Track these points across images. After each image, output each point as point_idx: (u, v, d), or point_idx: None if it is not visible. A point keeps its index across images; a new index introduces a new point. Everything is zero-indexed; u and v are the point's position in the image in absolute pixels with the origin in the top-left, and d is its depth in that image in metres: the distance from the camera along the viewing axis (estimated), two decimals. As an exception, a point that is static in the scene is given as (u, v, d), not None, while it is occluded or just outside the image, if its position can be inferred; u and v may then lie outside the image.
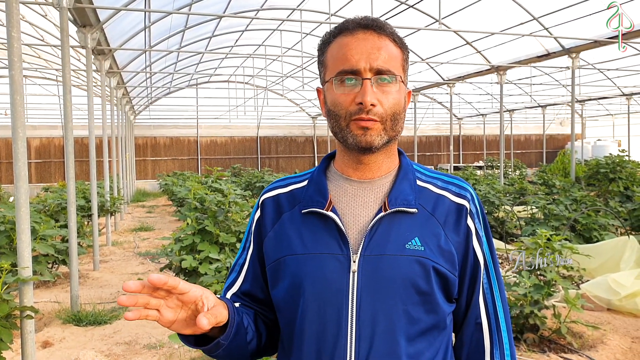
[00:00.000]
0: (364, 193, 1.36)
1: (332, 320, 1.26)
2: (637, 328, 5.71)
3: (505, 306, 1.40)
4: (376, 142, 1.29)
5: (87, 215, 10.48)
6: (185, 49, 16.67)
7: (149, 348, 5.33)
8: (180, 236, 6.50)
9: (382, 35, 1.31)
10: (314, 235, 1.32)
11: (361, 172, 1.37)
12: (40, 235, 6.47)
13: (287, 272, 1.32)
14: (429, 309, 1.28)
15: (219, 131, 29.00)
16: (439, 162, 31.81)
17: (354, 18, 1.34)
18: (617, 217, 9.04)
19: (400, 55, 1.33)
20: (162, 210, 18.11)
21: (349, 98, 1.29)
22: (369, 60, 1.27)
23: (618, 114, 30.63)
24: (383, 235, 1.29)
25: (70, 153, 6.45)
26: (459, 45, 16.57)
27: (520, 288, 5.22)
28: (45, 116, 24.99)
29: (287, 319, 1.34)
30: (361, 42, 1.29)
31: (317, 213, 1.34)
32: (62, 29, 6.66)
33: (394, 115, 1.30)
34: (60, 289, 7.72)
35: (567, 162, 22.10)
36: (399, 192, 1.33)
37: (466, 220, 1.34)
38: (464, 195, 1.37)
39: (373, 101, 1.26)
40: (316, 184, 1.39)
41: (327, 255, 1.29)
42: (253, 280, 1.46)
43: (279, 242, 1.37)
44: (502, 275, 1.44)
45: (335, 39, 1.34)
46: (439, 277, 1.29)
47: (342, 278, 1.27)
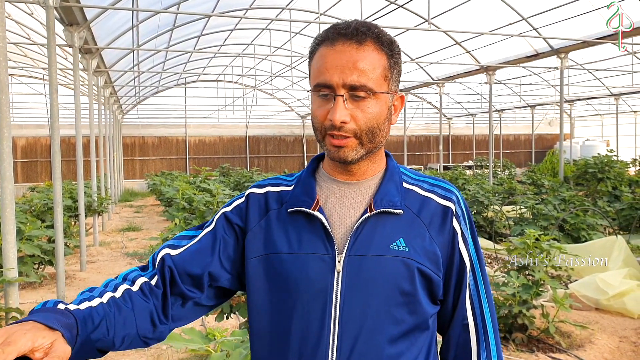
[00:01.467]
0: (350, 194, 1.36)
1: (315, 320, 1.26)
2: (625, 327, 5.73)
3: (492, 307, 1.41)
4: (350, 157, 1.29)
5: (74, 216, 10.40)
6: (173, 48, 16.59)
7: (135, 349, 5.29)
8: (168, 236, 6.46)
9: (363, 44, 1.26)
10: (300, 235, 1.32)
11: (347, 175, 1.37)
12: (26, 235, 6.40)
13: (271, 270, 1.32)
14: (412, 309, 1.28)
15: (208, 130, 28.92)
16: (429, 161, 31.88)
17: (338, 24, 1.30)
18: (605, 217, 9.08)
19: (383, 64, 1.29)
20: (150, 210, 18.03)
21: (323, 112, 1.28)
22: (342, 76, 1.24)
23: (606, 114, 30.83)
24: (368, 236, 1.29)
25: (57, 152, 6.39)
26: (449, 45, 16.61)
27: (509, 288, 5.23)
28: (32, 115, 24.81)
29: (268, 317, 1.33)
30: (338, 55, 1.26)
31: (304, 213, 1.33)
32: (48, 28, 6.59)
33: (370, 129, 1.28)
34: (47, 290, 7.65)
35: (555, 162, 22.21)
36: (385, 193, 1.34)
37: (452, 222, 1.35)
38: (449, 198, 1.37)
39: (343, 119, 1.24)
40: (303, 185, 1.39)
41: (313, 255, 1.29)
42: (199, 259, 1.38)
43: (264, 239, 1.36)
44: (488, 276, 1.44)
45: (319, 49, 1.30)
46: (423, 278, 1.29)
47: (326, 278, 1.27)
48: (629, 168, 16.31)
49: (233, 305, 4.52)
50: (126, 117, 26.68)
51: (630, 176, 14.01)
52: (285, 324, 1.30)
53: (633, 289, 6.26)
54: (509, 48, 15.68)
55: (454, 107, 29.28)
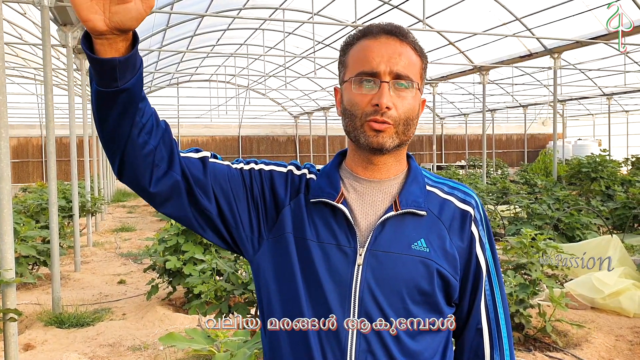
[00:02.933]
0: (372, 192, 1.38)
1: (335, 310, 1.28)
2: (621, 326, 5.76)
3: (506, 312, 1.43)
4: (387, 144, 1.31)
5: (68, 216, 10.34)
6: (166, 48, 16.54)
7: (133, 350, 5.27)
8: (164, 237, 6.44)
9: (404, 42, 1.34)
10: (325, 225, 1.34)
11: (370, 172, 1.39)
12: (21, 236, 6.37)
13: (292, 253, 1.33)
14: (429, 309, 1.31)
15: (200, 130, 28.88)
16: (422, 161, 31.93)
17: (378, 24, 1.37)
18: (600, 216, 9.12)
19: (419, 64, 1.36)
20: (143, 211, 17.96)
21: (365, 99, 1.31)
22: (389, 64, 1.30)
23: (598, 114, 30.98)
24: (390, 234, 1.32)
25: (52, 153, 6.36)
26: (442, 45, 16.63)
27: (506, 287, 5.24)
28: (23, 115, 24.68)
29: (285, 299, 1.33)
30: (383, 46, 1.32)
31: (328, 204, 1.35)
32: (43, 28, 6.56)
33: (407, 120, 1.32)
34: (41, 291, 7.60)
35: (548, 161, 22.27)
36: (410, 193, 1.36)
37: (470, 227, 1.38)
38: (469, 202, 1.40)
39: (389, 104, 1.29)
40: (328, 177, 1.40)
41: (335, 246, 1.31)
42: (215, 177, 1.35)
43: (294, 221, 1.36)
44: (504, 282, 1.45)
45: (359, 42, 1.37)
46: (441, 279, 1.31)
47: (347, 269, 1.30)
48: (621, 167, 16.38)
49: (231, 306, 4.51)
50: (119, 117, 26.51)
51: (623, 176, 14.07)
52: (303, 311, 1.30)
53: (628, 287, 6.28)
54: (503, 48, 15.72)
55: (446, 107, 29.35)
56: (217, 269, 5.07)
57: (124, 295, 7.34)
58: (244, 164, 1.43)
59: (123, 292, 7.54)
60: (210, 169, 1.35)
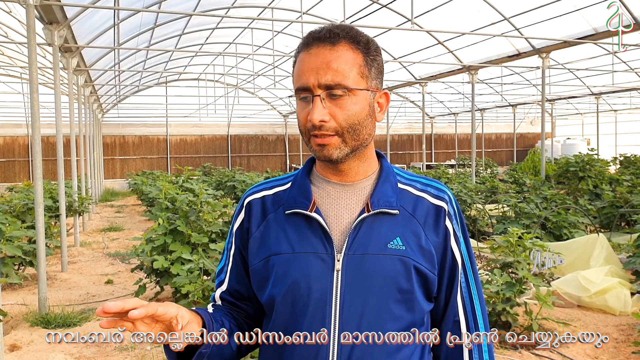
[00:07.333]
0: (345, 195, 1.39)
1: (316, 317, 1.30)
2: (607, 324, 5.79)
3: (482, 305, 1.46)
4: (334, 156, 1.32)
5: (55, 216, 10.27)
6: (154, 46, 16.46)
7: (120, 350, 5.24)
8: (151, 236, 6.41)
9: (336, 45, 1.31)
10: (299, 235, 1.35)
11: (340, 177, 1.40)
12: (7, 236, 6.32)
13: (273, 271, 1.35)
14: (410, 306, 1.33)
15: (189, 130, 28.75)
16: (412, 160, 31.98)
17: (314, 30, 1.36)
18: (587, 215, 9.17)
19: (359, 62, 1.33)
20: (132, 210, 17.88)
21: (305, 114, 1.33)
22: (317, 77, 1.29)
23: (587, 113, 31.14)
24: (366, 235, 1.33)
25: (38, 152, 6.30)
26: (431, 45, 16.64)
27: (493, 286, 5.27)
28: (10, 114, 24.51)
29: (278, 318, 1.36)
30: (312, 58, 1.31)
31: (301, 214, 1.36)
32: (28, 27, 6.50)
33: (352, 126, 1.31)
34: (27, 291, 7.55)
35: (537, 160, 22.35)
36: (381, 194, 1.37)
37: (444, 222, 1.39)
38: (442, 197, 1.42)
39: (322, 118, 1.29)
40: (300, 186, 1.41)
41: (312, 255, 1.32)
42: (239, 279, 1.49)
43: (265, 242, 1.39)
44: (479, 275, 1.47)
45: (299, 54, 1.36)
46: (419, 275, 1.33)
47: (326, 277, 1.31)
48: (609, 166, 16.45)
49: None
50: (106, 116, 26.44)
51: (611, 174, 14.14)
52: (288, 323, 1.33)
53: (615, 286, 6.32)
54: (491, 48, 15.76)
55: (436, 106, 29.39)
56: (204, 268, 5.05)
57: (112, 295, 7.30)
58: (229, 248, 1.54)
59: (110, 292, 7.50)
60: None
